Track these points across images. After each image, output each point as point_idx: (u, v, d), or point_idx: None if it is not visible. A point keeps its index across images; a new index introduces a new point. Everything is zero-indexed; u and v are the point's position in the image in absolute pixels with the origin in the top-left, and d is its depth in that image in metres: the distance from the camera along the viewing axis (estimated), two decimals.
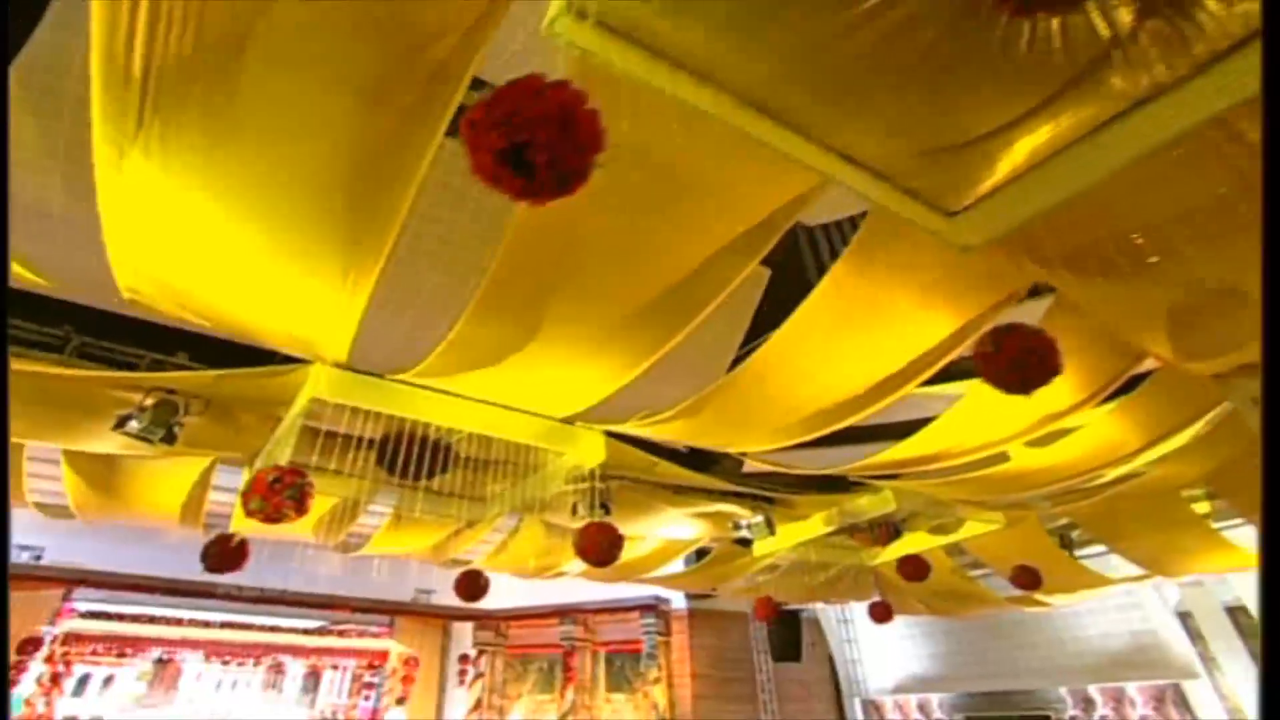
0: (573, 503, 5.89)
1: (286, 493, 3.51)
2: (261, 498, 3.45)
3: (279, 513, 3.47)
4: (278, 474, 3.54)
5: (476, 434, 5.00)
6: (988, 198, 3.36)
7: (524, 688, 11.62)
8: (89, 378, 3.99)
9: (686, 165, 2.96)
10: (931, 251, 3.57)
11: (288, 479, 3.54)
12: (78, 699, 9.21)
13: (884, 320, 4.03)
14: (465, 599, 5.82)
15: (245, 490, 3.54)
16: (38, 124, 3.97)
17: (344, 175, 2.79)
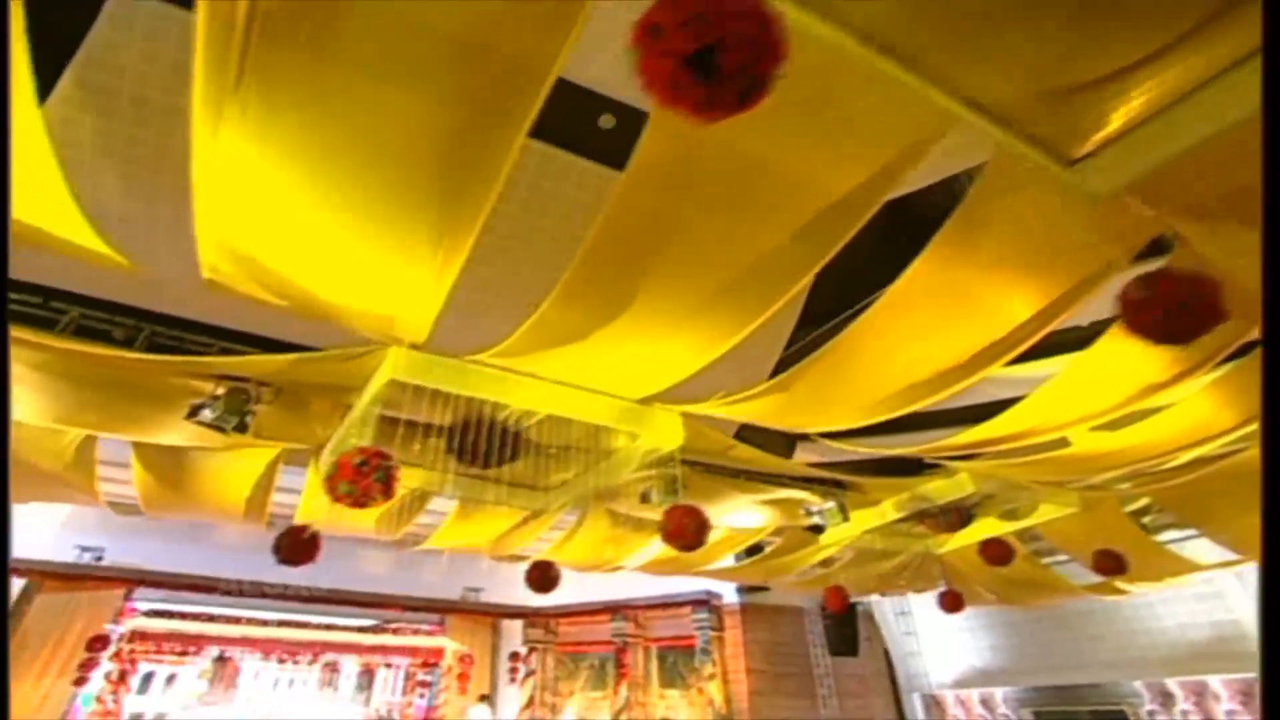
0: (644, 490, 5.70)
1: (374, 475, 3.37)
2: (349, 481, 3.31)
3: (367, 496, 3.33)
4: (364, 456, 3.40)
5: (548, 419, 4.84)
6: (1116, 141, 3.09)
7: (576, 685, 11.47)
8: (163, 363, 3.90)
9: (796, 114, 2.74)
10: (1045, 207, 3.33)
11: (374, 461, 3.40)
12: (143, 696, 9.31)
13: (990, 284, 3.77)
14: (536, 590, 5.67)
15: (330, 475, 3.40)
16: (95, 123, 3.91)
17: (441, 144, 2.65)
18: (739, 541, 7.34)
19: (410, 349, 3.98)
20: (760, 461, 5.71)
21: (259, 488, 5.57)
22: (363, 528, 6.24)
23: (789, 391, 4.32)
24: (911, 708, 12.19)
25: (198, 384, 4.35)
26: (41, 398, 4.42)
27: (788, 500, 6.65)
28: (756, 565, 8.13)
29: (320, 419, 4.78)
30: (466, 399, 4.39)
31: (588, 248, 3.13)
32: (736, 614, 11.19)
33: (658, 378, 4.39)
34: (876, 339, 3.96)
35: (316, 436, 5.00)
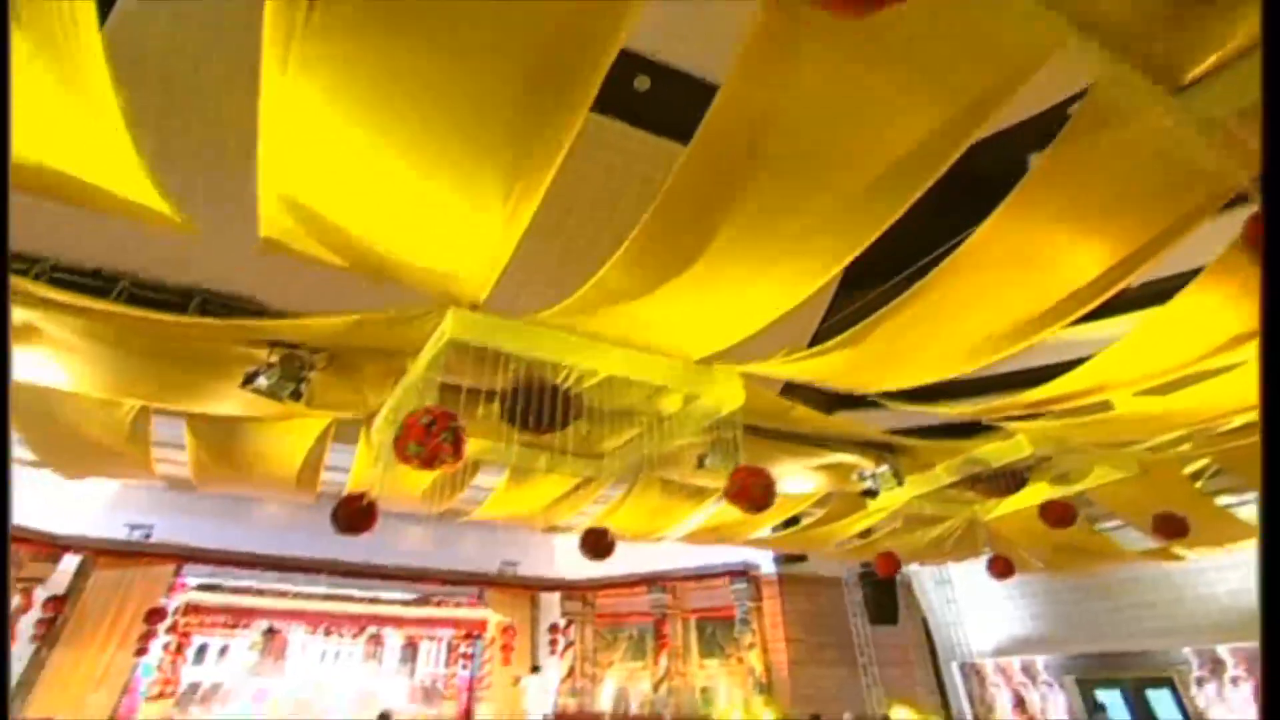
0: (699, 454, 5.58)
1: (443, 435, 3.27)
2: (418, 441, 3.22)
3: (437, 456, 3.24)
4: (431, 416, 3.30)
5: (605, 383, 4.72)
6: (1231, 64, 2.85)
7: (615, 656, 11.56)
8: (217, 327, 3.82)
9: (892, 47, 2.54)
10: (1145, 141, 3.09)
11: (442, 421, 3.30)
12: (198, 666, 9.53)
13: (1081, 226, 3.54)
14: (592, 556, 5.61)
15: (399, 436, 3.31)
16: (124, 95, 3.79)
17: (511, 92, 2.49)
18: (787, 508, 7.22)
19: (469, 310, 3.86)
20: (815, 425, 5.55)
21: (310, 458, 5.55)
22: (410, 500, 6.20)
23: (860, 347, 4.15)
24: (950, 676, 12.13)
25: (251, 351, 4.29)
26: (96, 369, 4.39)
27: (839, 465, 6.51)
28: (800, 534, 8.02)
29: (373, 386, 4.70)
30: (523, 363, 4.28)
31: (658, 204, 2.99)
32: (774, 584, 11.18)
33: (720, 336, 4.24)
34: (957, 291, 3.76)
35: (368, 404, 4.94)
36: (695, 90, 3.81)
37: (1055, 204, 3.35)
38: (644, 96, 3.98)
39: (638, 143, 4.09)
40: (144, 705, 8.23)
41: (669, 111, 4.06)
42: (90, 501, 10.14)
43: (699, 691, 10.66)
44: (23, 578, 9.17)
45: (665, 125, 4.05)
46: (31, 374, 4.37)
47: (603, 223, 4.45)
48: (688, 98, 3.89)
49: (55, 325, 4.04)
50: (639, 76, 3.88)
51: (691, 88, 3.81)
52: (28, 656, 8.84)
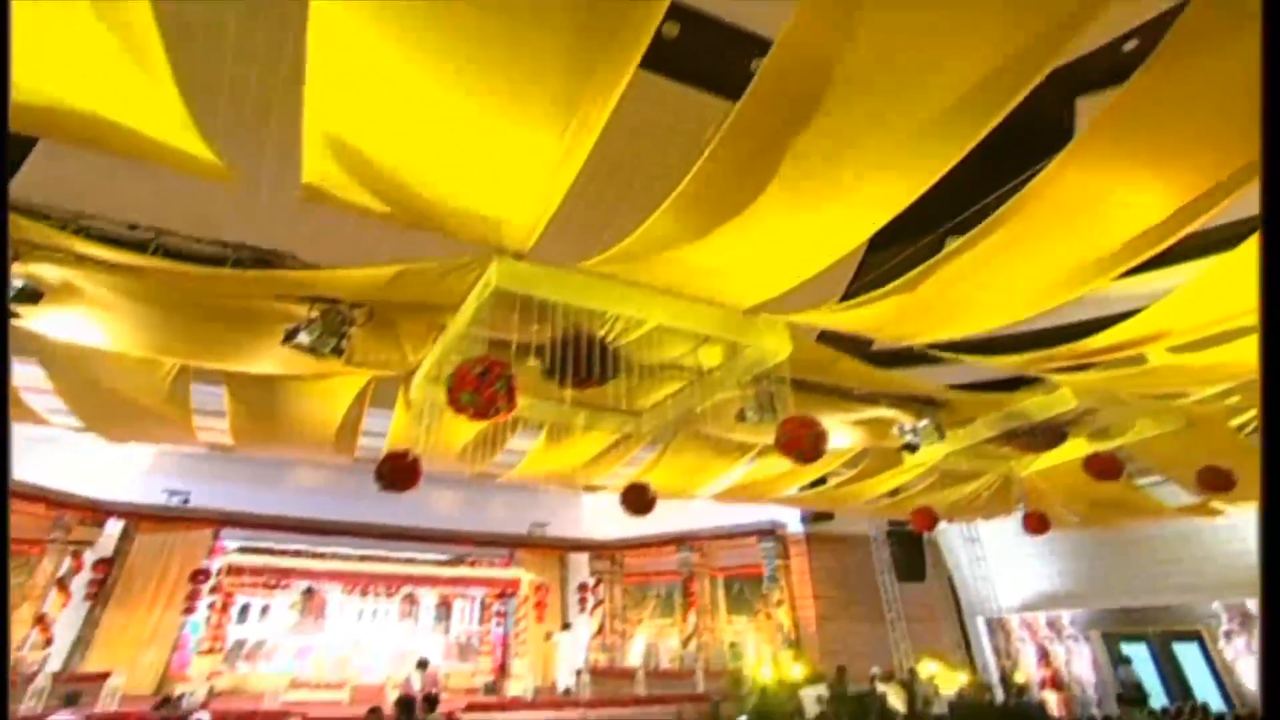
0: (739, 409, 5.50)
1: (497, 384, 3.19)
2: (472, 390, 3.15)
3: (491, 405, 3.17)
4: (484, 365, 3.23)
5: (647, 336, 4.62)
6: None
7: (644, 613, 11.76)
8: (258, 280, 3.74)
9: None
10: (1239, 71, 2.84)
11: (495, 370, 3.23)
12: (242, 625, 9.83)
13: (1153, 165, 3.31)
14: (633, 511, 5.60)
15: (451, 386, 3.25)
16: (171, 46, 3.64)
17: (569, 19, 2.32)
18: (823, 465, 7.15)
19: (514, 259, 3.75)
20: (858, 378, 5.43)
21: (349, 418, 5.54)
22: (447, 460, 6.20)
23: (915, 293, 3.99)
24: (975, 631, 12.22)
25: (289, 308, 4.22)
26: (134, 327, 4.36)
27: (879, 420, 6.41)
28: (833, 491, 7.97)
29: (412, 342, 4.64)
30: (564, 316, 4.19)
31: (714, 147, 2.83)
32: (802, 543, 11.24)
33: (770, 283, 4.10)
34: (1017, 235, 3.57)
35: (407, 361, 4.88)
36: (729, 38, 3.65)
37: (1128, 143, 3.14)
38: (674, 45, 3.79)
39: (675, 96, 3.92)
40: (195, 659, 8.50)
41: (701, 61, 3.88)
42: (129, 469, 10.35)
43: (727, 647, 10.84)
44: (72, 540, 9.43)
45: (699, 76, 3.90)
46: (71, 333, 4.35)
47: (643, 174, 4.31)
48: (722, 46, 3.72)
49: (92, 283, 3.99)
50: (667, 23, 3.69)
51: (724, 35, 3.65)
52: (83, 615, 9.16)
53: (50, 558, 9.27)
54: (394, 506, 11.03)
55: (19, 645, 8.57)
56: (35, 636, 8.72)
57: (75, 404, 5.49)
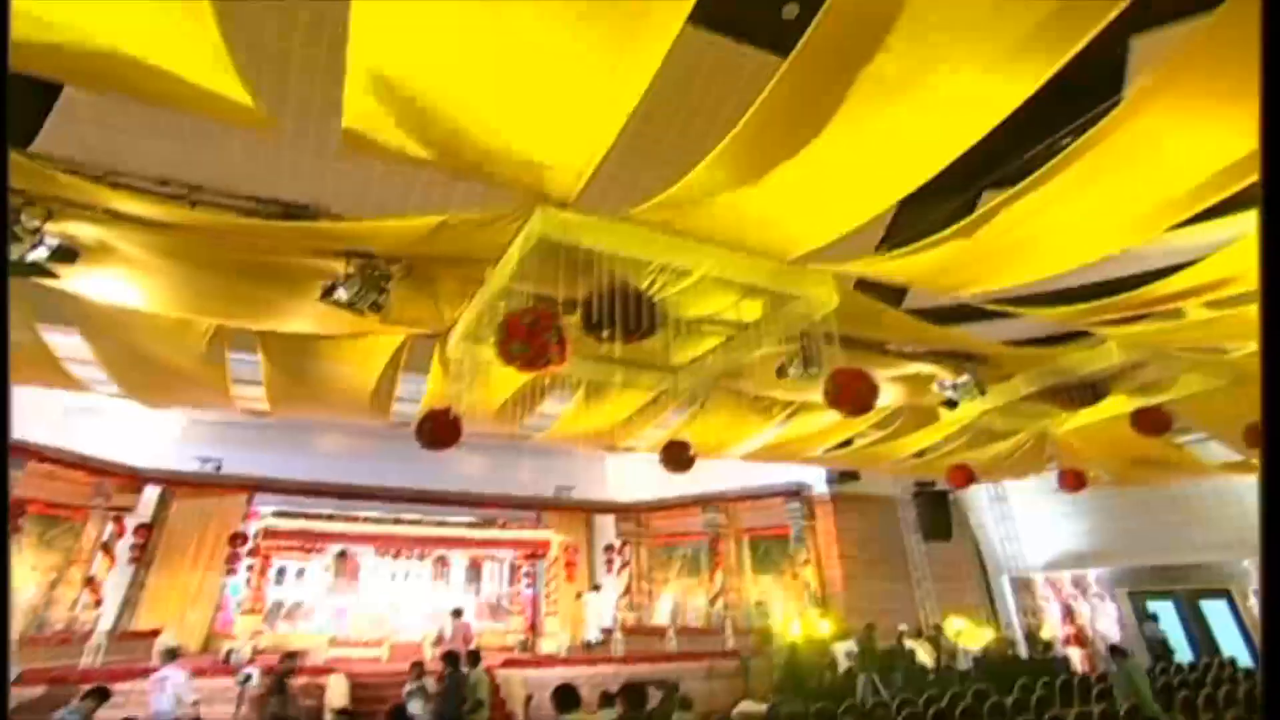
0: (779, 364, 5.41)
1: (547, 333, 3.12)
2: (523, 340, 3.08)
3: (542, 355, 3.11)
4: (534, 315, 3.16)
5: (691, 288, 4.51)
6: None
7: (670, 573, 11.92)
8: (297, 230, 3.65)
9: None
10: None
11: (545, 320, 3.15)
12: (279, 587, 10.09)
13: (1233, 102, 3.10)
14: (674, 468, 5.60)
15: (501, 337, 3.18)
16: None
17: None
18: (856, 424, 7.07)
19: (558, 208, 3.63)
20: (901, 332, 5.30)
21: (384, 379, 5.51)
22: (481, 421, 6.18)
23: (974, 239, 3.83)
24: (1000, 589, 12.27)
25: (325, 264, 4.15)
26: (171, 287, 4.31)
27: (917, 376, 6.29)
28: (865, 450, 7.90)
29: (449, 299, 4.57)
30: (606, 269, 4.08)
31: (772, 89, 2.68)
32: (827, 503, 11.26)
33: (819, 230, 3.96)
34: (1083, 177, 3.39)
35: (444, 319, 4.82)
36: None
37: (1203, 82, 2.92)
38: None
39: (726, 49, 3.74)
40: (239, 619, 8.76)
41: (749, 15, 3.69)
42: (162, 437, 10.52)
43: (753, 605, 10.97)
44: (112, 506, 9.66)
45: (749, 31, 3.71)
46: (107, 294, 4.32)
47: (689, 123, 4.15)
48: None
49: (126, 242, 3.92)
50: None
51: None
52: (128, 577, 9.45)
53: (94, 523, 9.52)
54: (421, 471, 11.23)
55: (71, 606, 8.88)
56: (86, 597, 9.01)
57: (113, 369, 5.51)
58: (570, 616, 10.49)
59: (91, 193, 3.44)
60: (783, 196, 3.63)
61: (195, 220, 3.68)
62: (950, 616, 10.00)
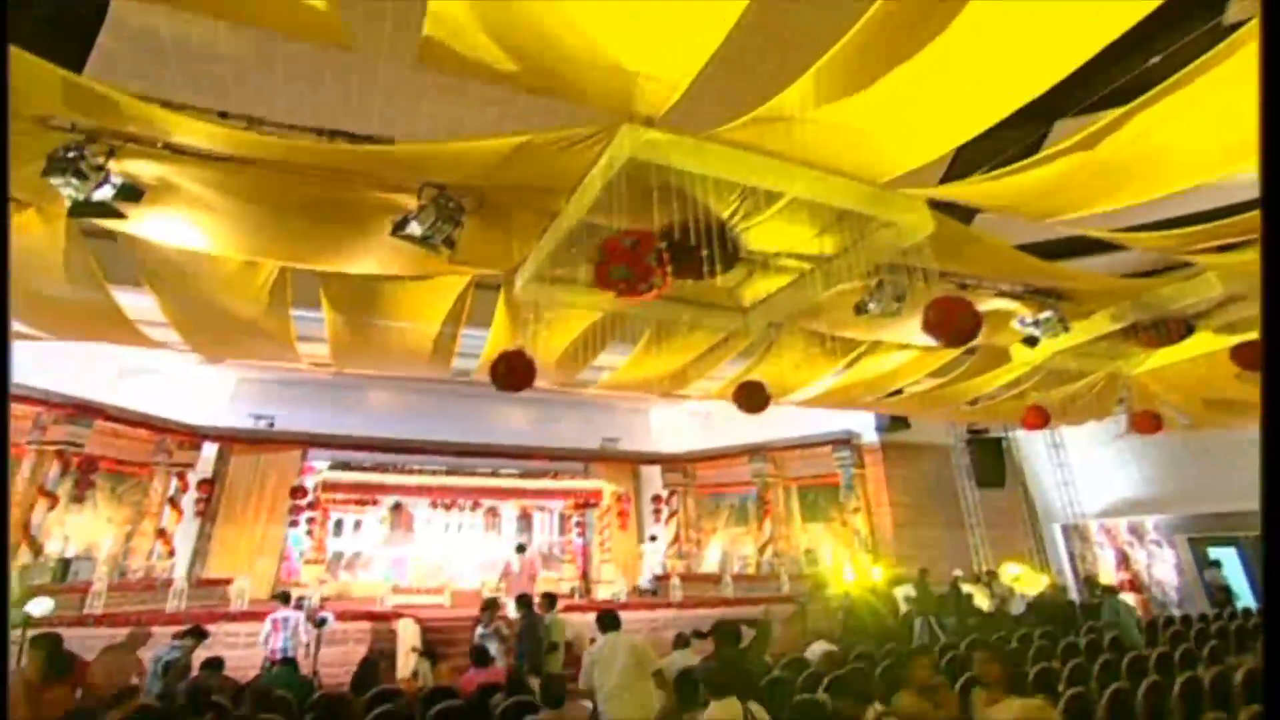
0: (860, 299, 5.16)
1: (650, 255, 2.93)
2: (626, 263, 2.89)
3: (645, 279, 2.93)
4: (633, 238, 2.97)
5: (771, 220, 4.26)
6: None
7: (718, 523, 11.97)
8: (371, 154, 3.44)
9: None
10: None
11: (646, 242, 2.96)
12: (337, 539, 10.37)
13: None
14: (748, 409, 5.47)
15: (600, 262, 3.01)
16: None
17: None
18: (927, 364, 6.81)
19: (645, 126, 3.39)
20: (988, 262, 4.99)
21: (447, 325, 5.39)
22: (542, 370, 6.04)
23: (1094, 152, 3.50)
24: (1051, 537, 12.10)
25: (396, 198, 3.98)
26: (234, 228, 4.20)
27: (998, 312, 5.98)
28: (934, 393, 7.65)
29: (520, 235, 4.38)
30: (686, 198, 3.85)
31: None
32: (877, 451, 11.10)
33: (919, 148, 3.67)
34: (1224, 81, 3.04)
35: (512, 257, 4.66)
36: None
37: None
38: None
39: None
40: (304, 568, 9.03)
41: None
42: (216, 396, 10.72)
43: (803, 553, 10.98)
44: (175, 463, 9.93)
45: None
46: (169, 236, 4.22)
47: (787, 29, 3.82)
48: None
49: (189, 180, 3.79)
50: None
51: None
52: (195, 530, 9.79)
53: (159, 478, 9.82)
54: (467, 425, 11.32)
55: (147, 555, 9.24)
56: (160, 548, 9.37)
57: (178, 323, 5.49)
58: (626, 563, 10.63)
59: (152, 119, 3.25)
60: (882, 113, 3.37)
61: (261, 148, 3.48)
62: (1006, 562, 9.88)
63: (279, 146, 3.41)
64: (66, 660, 3.69)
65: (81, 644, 6.50)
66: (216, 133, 3.30)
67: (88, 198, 3.53)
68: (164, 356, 9.77)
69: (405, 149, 3.47)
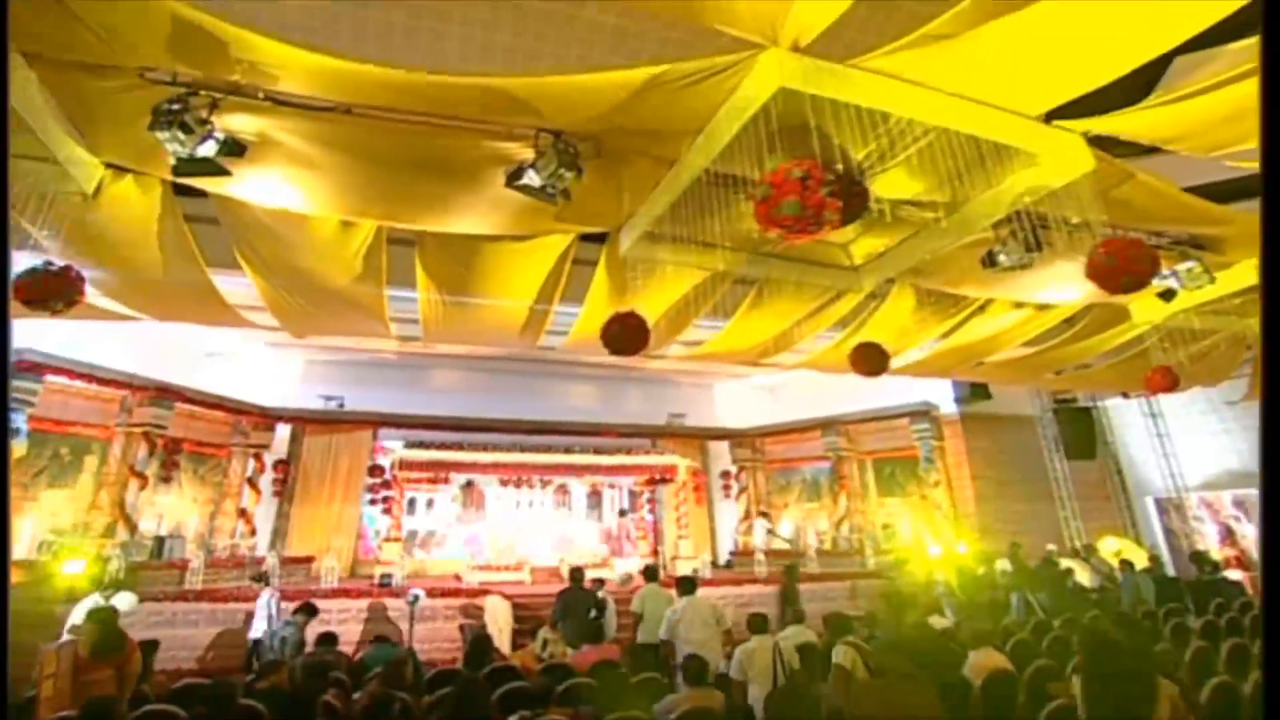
0: (988, 251, 4.75)
1: (823, 189, 2.61)
2: (798, 200, 2.57)
3: (819, 214, 2.62)
4: (804, 169, 2.64)
5: (901, 165, 3.89)
6: None
7: (790, 498, 11.67)
8: (489, 88, 3.13)
9: None
10: None
11: (817, 174, 2.63)
12: (411, 518, 10.44)
13: None
14: (865, 372, 5.14)
15: (766, 198, 2.70)
16: None
17: None
18: (1038, 324, 6.32)
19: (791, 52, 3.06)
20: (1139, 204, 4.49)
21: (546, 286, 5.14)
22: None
23: None
24: (1144, 511, 11.43)
25: (508, 148, 3.74)
26: (335, 185, 4.02)
27: None
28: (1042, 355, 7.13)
29: (634, 186, 4.11)
30: (815, 142, 3.50)
31: None
32: (956, 424, 10.60)
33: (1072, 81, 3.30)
34: None
35: (622, 213, 4.39)
36: None
37: None
38: None
39: None
40: (385, 546, 9.08)
41: None
42: (285, 378, 10.84)
43: (880, 528, 10.61)
44: (251, 444, 10.10)
45: None
46: (265, 195, 4.08)
47: None
48: None
49: (290, 133, 3.60)
50: None
51: None
52: (274, 509, 9.96)
53: (237, 459, 10.00)
54: (533, 403, 11.23)
55: (231, 534, 9.45)
56: (242, 527, 9.57)
57: (267, 293, 5.38)
58: (702, 539, 10.44)
59: (261, 55, 3.02)
60: (1043, 32, 2.99)
61: (370, 83, 3.19)
62: (1105, 537, 9.34)
63: (389, 80, 3.11)
64: (119, 637, 3.68)
65: (185, 618, 6.66)
66: (325, 67, 3.03)
67: (192, 153, 3.39)
68: (235, 339, 9.93)
69: (523, 83, 3.18)
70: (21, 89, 3.20)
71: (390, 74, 3.04)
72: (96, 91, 3.36)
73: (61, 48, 3.12)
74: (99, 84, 3.33)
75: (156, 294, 5.45)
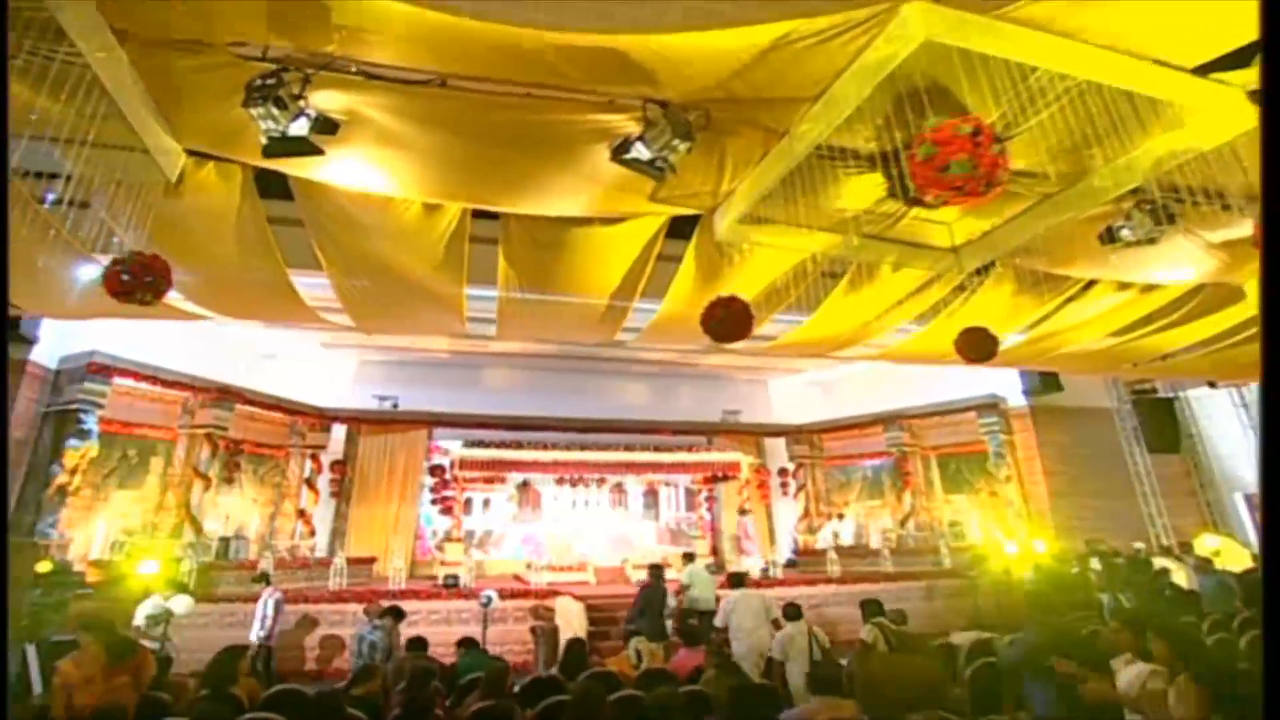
0: (1108, 226, 4.41)
1: (994, 146, 2.34)
2: (970, 157, 2.31)
3: (992, 174, 2.35)
4: (972, 124, 2.37)
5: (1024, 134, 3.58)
6: None
7: (850, 495, 11.32)
8: (594, 49, 2.89)
9: None
10: None
11: (987, 130, 2.37)
12: (468, 517, 10.37)
13: None
14: (972, 359, 4.83)
15: (930, 156, 2.44)
16: None
17: None
18: (1142, 306, 5.89)
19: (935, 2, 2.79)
20: None
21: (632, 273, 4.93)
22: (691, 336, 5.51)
23: None
24: (1231, 506, 10.78)
25: (615, 121, 3.54)
26: (425, 164, 3.87)
27: (1242, 240, 5.04)
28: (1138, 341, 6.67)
29: (737, 162, 3.89)
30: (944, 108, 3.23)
31: None
32: (1025, 417, 10.14)
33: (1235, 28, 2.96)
34: None
35: (719, 192, 4.16)
36: None
37: None
38: None
39: None
40: (448, 546, 9.00)
41: None
42: (340, 378, 10.86)
43: (947, 526, 10.20)
44: (307, 445, 10.12)
45: None
46: (352, 178, 3.95)
47: None
48: None
49: (380, 109, 3.45)
50: None
51: None
52: (332, 510, 9.97)
53: (295, 460, 10.03)
54: (585, 400, 11.07)
55: (291, 535, 9.47)
56: (301, 528, 9.58)
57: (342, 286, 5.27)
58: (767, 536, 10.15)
59: (365, 16, 2.84)
60: None
61: (479, 45, 2.97)
62: (1203, 534, 8.80)
63: (500, 39, 2.87)
64: (129, 645, 3.75)
65: None
66: (430, 25, 2.82)
67: (284, 131, 3.26)
68: (290, 340, 9.96)
69: (642, 43, 2.95)
70: (113, 70, 3.10)
71: (502, 31, 2.83)
72: (185, 70, 3.24)
73: (153, 24, 3.00)
74: (188, 61, 3.21)
75: (231, 289, 5.39)
